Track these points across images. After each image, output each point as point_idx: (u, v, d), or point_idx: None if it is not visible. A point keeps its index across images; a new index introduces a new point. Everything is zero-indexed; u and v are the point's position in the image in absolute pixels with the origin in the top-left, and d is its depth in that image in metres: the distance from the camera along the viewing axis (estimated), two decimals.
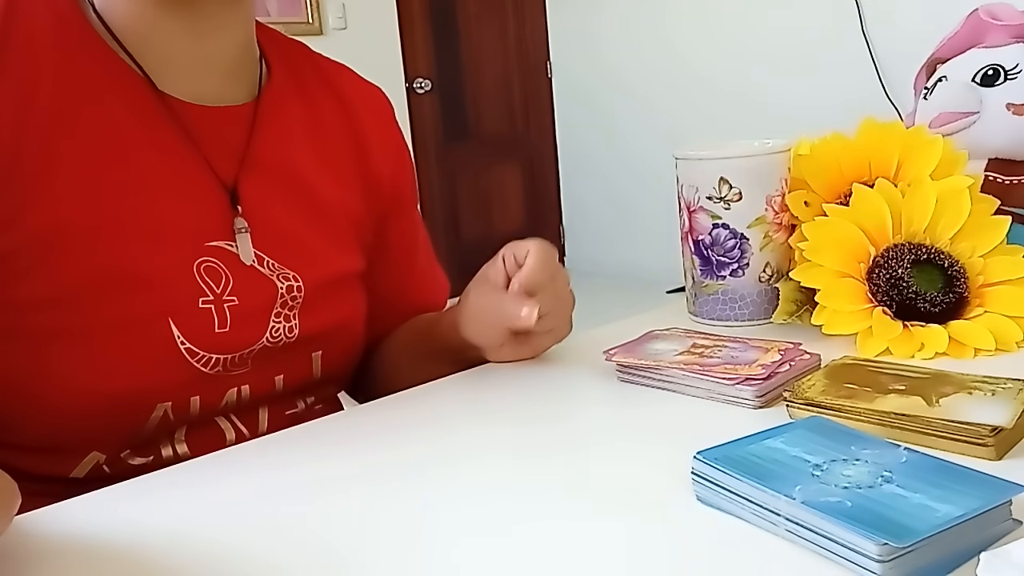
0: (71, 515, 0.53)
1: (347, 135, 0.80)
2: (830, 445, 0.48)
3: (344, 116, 0.80)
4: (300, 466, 0.58)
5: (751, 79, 3.92)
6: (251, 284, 0.70)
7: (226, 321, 0.68)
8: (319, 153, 0.77)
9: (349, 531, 0.49)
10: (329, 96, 0.80)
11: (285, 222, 0.73)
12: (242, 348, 0.69)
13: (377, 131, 0.83)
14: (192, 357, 0.66)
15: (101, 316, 0.63)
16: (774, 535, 0.44)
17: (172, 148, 0.68)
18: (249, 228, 0.70)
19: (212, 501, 0.54)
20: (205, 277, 0.67)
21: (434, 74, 4.54)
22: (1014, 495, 0.42)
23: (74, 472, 0.67)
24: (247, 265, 0.70)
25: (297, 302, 0.72)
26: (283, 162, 0.74)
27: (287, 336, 0.72)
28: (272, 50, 0.78)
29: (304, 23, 3.94)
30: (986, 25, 0.90)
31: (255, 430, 0.73)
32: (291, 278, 0.72)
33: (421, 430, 0.64)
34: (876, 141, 0.80)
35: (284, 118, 0.75)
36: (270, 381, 0.73)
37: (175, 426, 0.69)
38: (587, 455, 0.57)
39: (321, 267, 0.74)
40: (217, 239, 0.69)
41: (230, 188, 0.70)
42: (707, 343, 0.70)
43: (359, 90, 0.84)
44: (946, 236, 0.74)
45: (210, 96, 0.71)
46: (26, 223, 0.62)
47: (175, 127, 0.68)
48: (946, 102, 0.89)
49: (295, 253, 0.73)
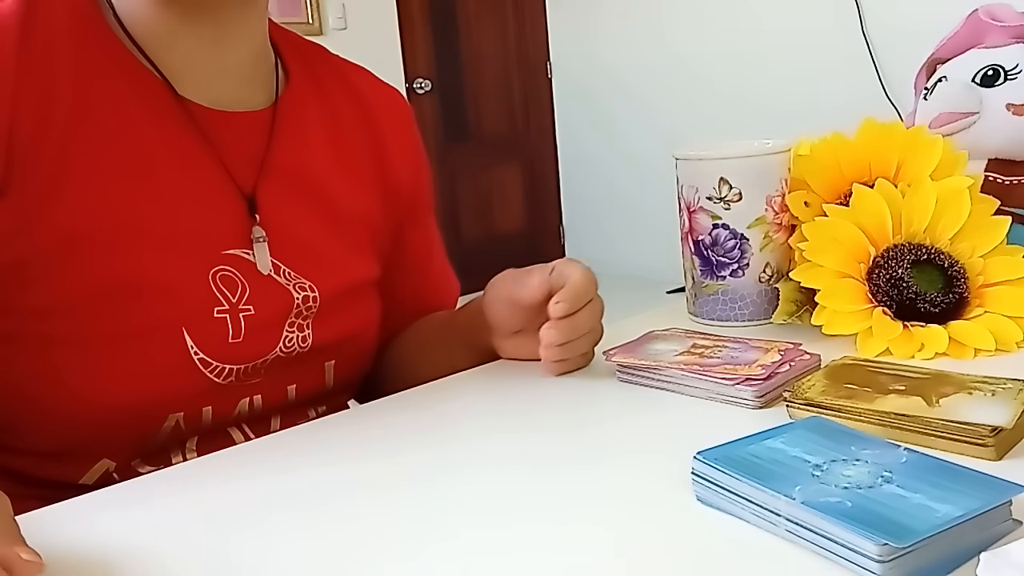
0: (61, 519, 0.53)
1: (366, 140, 0.79)
2: (830, 445, 0.48)
3: (363, 120, 0.80)
4: (300, 471, 0.58)
5: (751, 79, 3.91)
6: (267, 294, 0.69)
7: (240, 331, 0.67)
8: (338, 158, 0.76)
9: (351, 539, 0.49)
10: (348, 99, 0.80)
11: (302, 230, 0.72)
12: (255, 358, 0.68)
13: (396, 135, 0.82)
14: (205, 367, 0.66)
15: (114, 325, 0.63)
16: (774, 535, 0.44)
17: (191, 153, 0.67)
18: (267, 237, 0.69)
19: (209, 507, 0.54)
20: (221, 286, 0.66)
21: (434, 74, 4.54)
22: (1014, 495, 0.42)
23: (83, 479, 0.67)
24: (264, 274, 0.69)
25: (312, 312, 0.72)
26: (301, 168, 0.73)
27: (300, 346, 0.71)
28: (289, 52, 0.78)
29: (304, 23, 3.94)
30: (986, 26, 0.90)
31: None
32: (307, 288, 0.71)
33: (421, 430, 0.64)
34: (876, 141, 0.80)
35: (303, 123, 0.75)
36: (282, 391, 0.72)
37: (187, 435, 0.68)
38: (587, 455, 0.57)
39: (337, 276, 0.74)
40: (234, 247, 0.68)
41: (248, 195, 0.69)
42: (707, 343, 0.70)
43: (378, 93, 0.83)
44: (946, 236, 0.74)
45: (229, 101, 0.70)
46: (39, 231, 0.61)
47: (195, 132, 0.67)
48: (946, 102, 0.89)
49: (312, 262, 0.72)
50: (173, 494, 0.56)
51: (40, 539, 0.44)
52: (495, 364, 0.75)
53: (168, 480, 0.58)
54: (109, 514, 0.53)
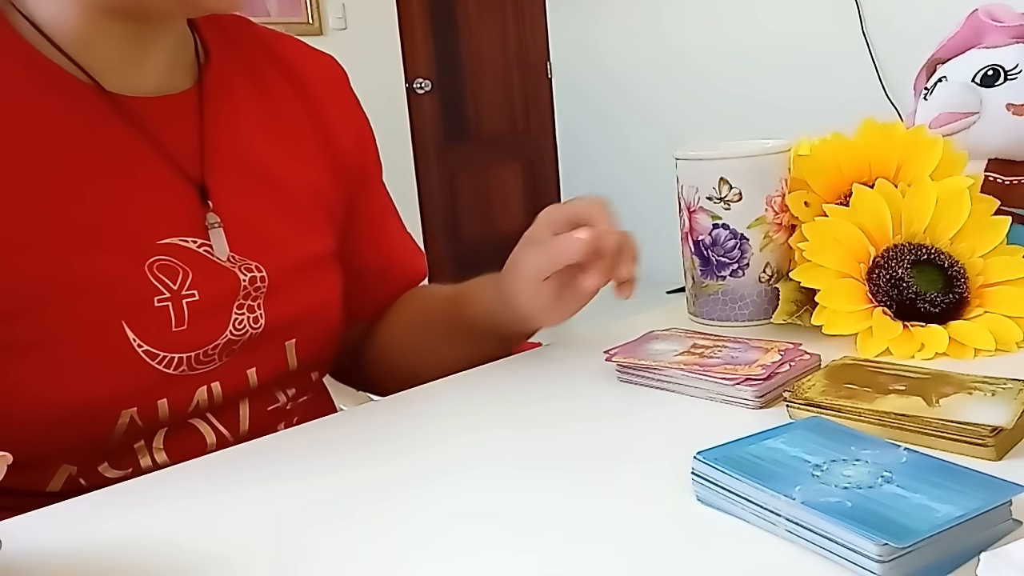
0: (30, 528, 0.52)
1: (303, 111, 0.78)
2: (830, 445, 0.48)
3: (297, 90, 0.78)
4: (278, 483, 0.58)
5: (751, 79, 3.91)
6: (211, 277, 0.67)
7: (184, 318, 0.66)
8: (275, 133, 0.75)
9: (349, 545, 0.49)
10: (279, 72, 0.77)
11: (246, 211, 0.71)
12: (204, 344, 0.67)
13: (334, 102, 0.80)
14: (152, 359, 0.64)
15: (54, 326, 0.61)
16: (774, 535, 0.44)
17: (124, 146, 0.66)
18: (222, 222, 0.68)
19: (183, 519, 0.53)
20: (159, 275, 0.65)
21: (434, 74, 4.54)
22: (1014, 495, 0.42)
23: (49, 486, 0.65)
24: (207, 258, 0.67)
25: (261, 292, 0.70)
26: (239, 147, 0.72)
27: (252, 327, 0.70)
28: (208, 31, 0.75)
29: (304, 23, 3.94)
30: (986, 26, 0.90)
31: (236, 430, 0.71)
32: (253, 268, 0.70)
33: (420, 431, 0.64)
34: (876, 141, 0.80)
35: (231, 101, 0.73)
36: (242, 376, 0.70)
37: (147, 433, 0.67)
38: (587, 455, 0.57)
39: (286, 255, 0.72)
40: (177, 235, 0.67)
41: (198, 182, 0.68)
42: (707, 343, 0.70)
43: (309, 60, 0.81)
44: (946, 236, 0.74)
45: (155, 89, 0.69)
46: None
47: (127, 125, 0.66)
48: (946, 102, 0.89)
49: (257, 242, 0.71)
50: (132, 506, 0.55)
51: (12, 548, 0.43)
52: (494, 364, 0.75)
53: (133, 492, 0.57)
54: (68, 528, 0.53)
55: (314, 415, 0.72)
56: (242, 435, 0.71)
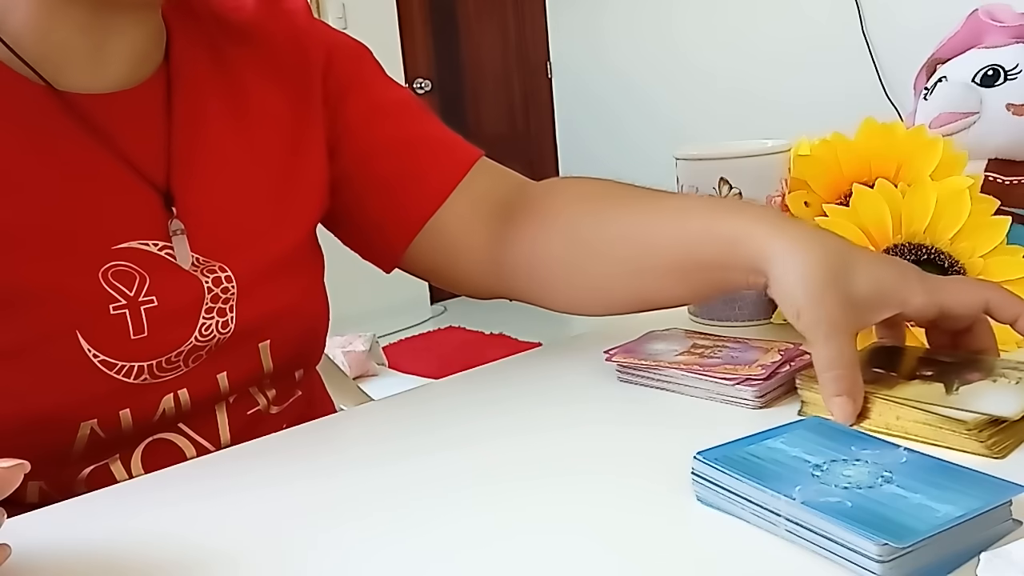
0: (30, 528, 0.52)
1: (275, 91, 0.73)
2: (830, 445, 0.48)
3: (257, 55, 0.73)
4: (279, 484, 0.57)
5: (751, 79, 3.91)
6: (172, 282, 0.64)
7: (143, 326, 0.63)
8: (243, 116, 0.71)
9: (346, 550, 0.49)
10: (236, 43, 0.72)
11: (213, 210, 0.67)
12: (167, 352, 0.64)
13: (291, 43, 0.74)
14: (109, 368, 0.62)
15: (7, 337, 0.59)
16: (774, 535, 0.44)
17: (75, 150, 0.63)
18: (185, 228, 0.65)
19: (183, 520, 0.53)
20: (114, 282, 0.62)
21: (434, 74, 4.54)
22: (1014, 495, 0.42)
23: (27, 499, 0.63)
24: (168, 262, 0.64)
25: (231, 295, 0.67)
26: (206, 142, 0.68)
27: (220, 332, 0.66)
28: (172, 15, 0.70)
29: None
30: (986, 26, 0.90)
31: (216, 439, 0.69)
32: (217, 270, 0.66)
33: (419, 432, 0.64)
34: (876, 141, 0.80)
35: (199, 90, 0.69)
36: (211, 381, 0.67)
37: (118, 446, 0.64)
38: (587, 455, 0.57)
39: (257, 255, 0.69)
40: (131, 239, 0.63)
41: (158, 183, 0.65)
42: (707, 343, 0.70)
43: (262, 10, 0.74)
44: (946, 236, 0.74)
45: (117, 83, 0.65)
46: None
47: (79, 126, 0.62)
48: (946, 102, 0.89)
49: (225, 244, 0.67)
50: (133, 506, 0.55)
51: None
52: (494, 364, 0.75)
53: (129, 493, 0.57)
54: (78, 524, 0.53)
55: (311, 415, 0.71)
56: (221, 444, 0.69)
